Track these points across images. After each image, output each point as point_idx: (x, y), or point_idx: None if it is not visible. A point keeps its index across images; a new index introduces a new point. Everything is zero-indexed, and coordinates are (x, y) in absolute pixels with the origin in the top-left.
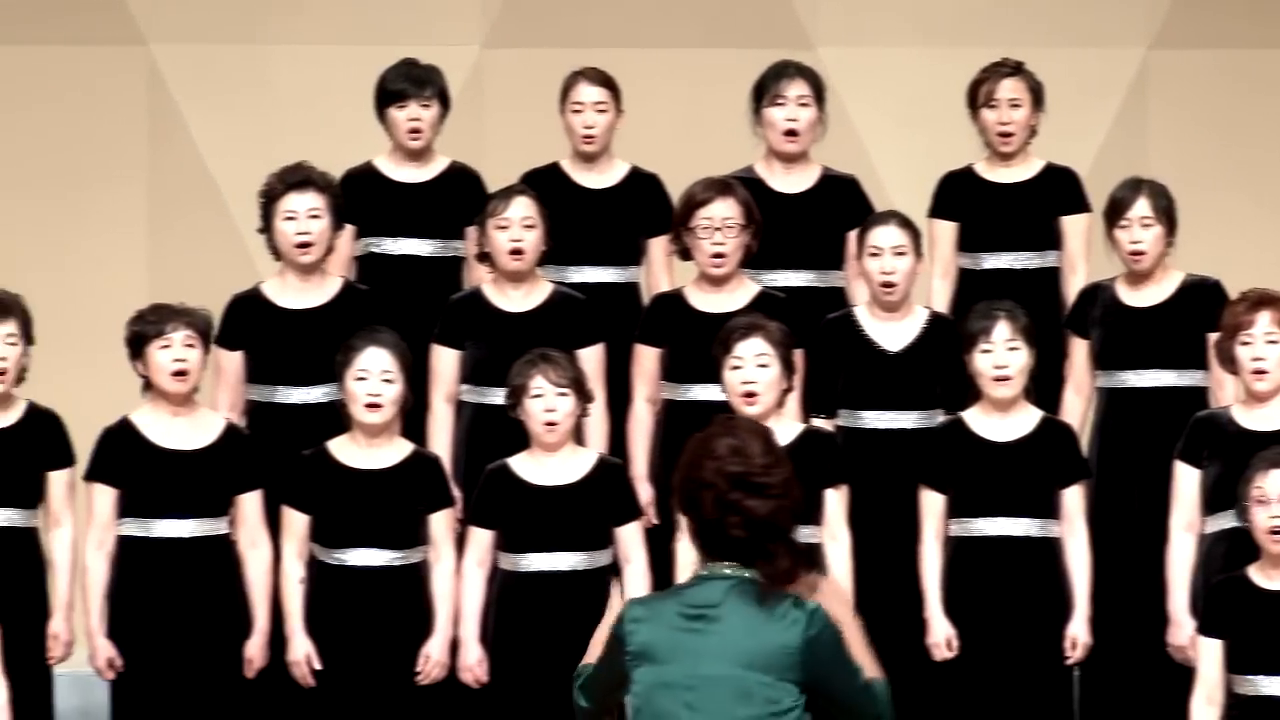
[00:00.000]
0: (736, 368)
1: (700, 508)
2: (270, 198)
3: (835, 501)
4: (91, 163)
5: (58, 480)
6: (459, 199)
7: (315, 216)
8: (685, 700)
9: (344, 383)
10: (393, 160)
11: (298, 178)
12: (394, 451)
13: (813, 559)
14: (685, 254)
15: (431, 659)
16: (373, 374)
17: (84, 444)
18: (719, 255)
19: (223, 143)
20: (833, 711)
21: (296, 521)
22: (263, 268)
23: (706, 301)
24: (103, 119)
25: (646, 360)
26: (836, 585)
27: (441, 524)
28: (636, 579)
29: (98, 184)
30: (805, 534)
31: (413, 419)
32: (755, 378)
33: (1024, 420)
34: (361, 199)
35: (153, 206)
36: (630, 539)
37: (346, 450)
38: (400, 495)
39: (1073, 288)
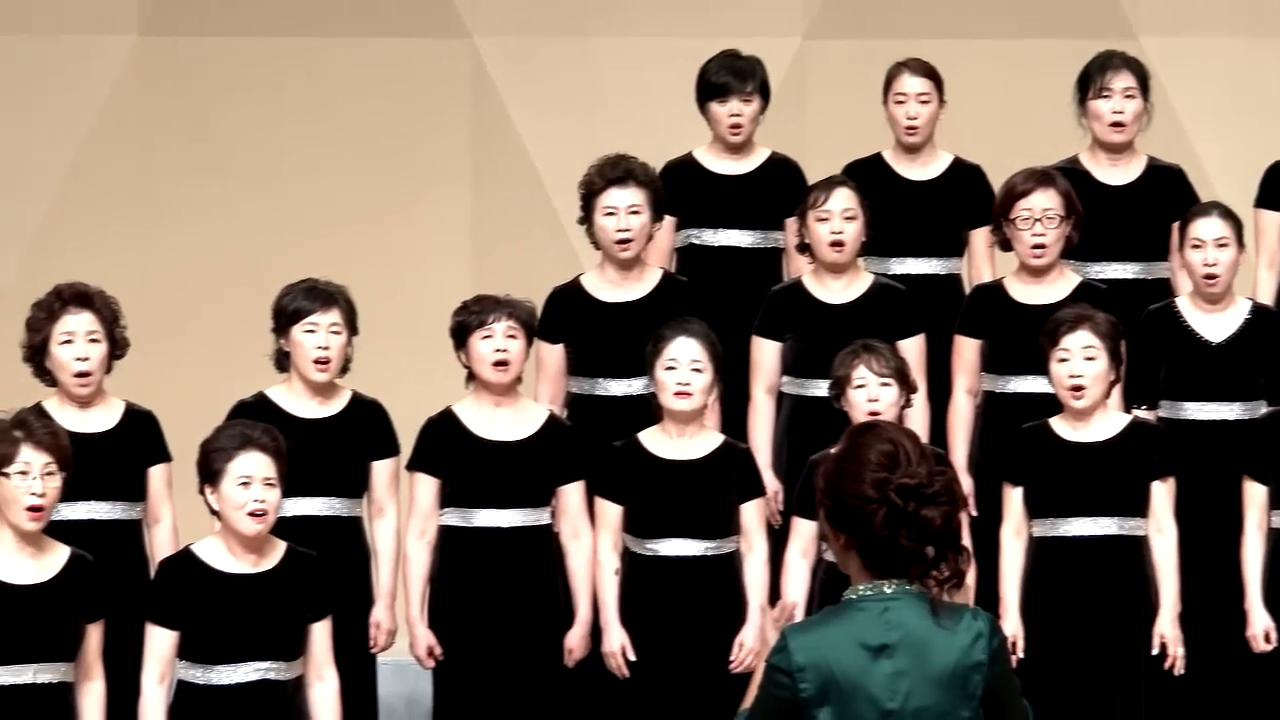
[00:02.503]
0: (1064, 360)
1: (869, 525)
2: (591, 192)
3: (1162, 494)
4: (417, 155)
5: (381, 470)
6: (779, 190)
7: (635, 212)
8: None
9: (654, 372)
10: (713, 152)
11: (618, 172)
12: (705, 442)
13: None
14: (1006, 245)
15: (745, 647)
16: (682, 363)
17: (409, 434)
18: (1039, 246)
19: (546, 135)
20: None
21: (610, 512)
22: (586, 259)
23: (1026, 293)
24: (428, 112)
25: (967, 351)
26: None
27: (753, 513)
28: None
29: (423, 176)
30: (1131, 526)
31: (733, 410)
32: (1082, 370)
33: None
34: (682, 191)
35: (477, 198)
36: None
37: (658, 441)
38: (712, 485)
39: None
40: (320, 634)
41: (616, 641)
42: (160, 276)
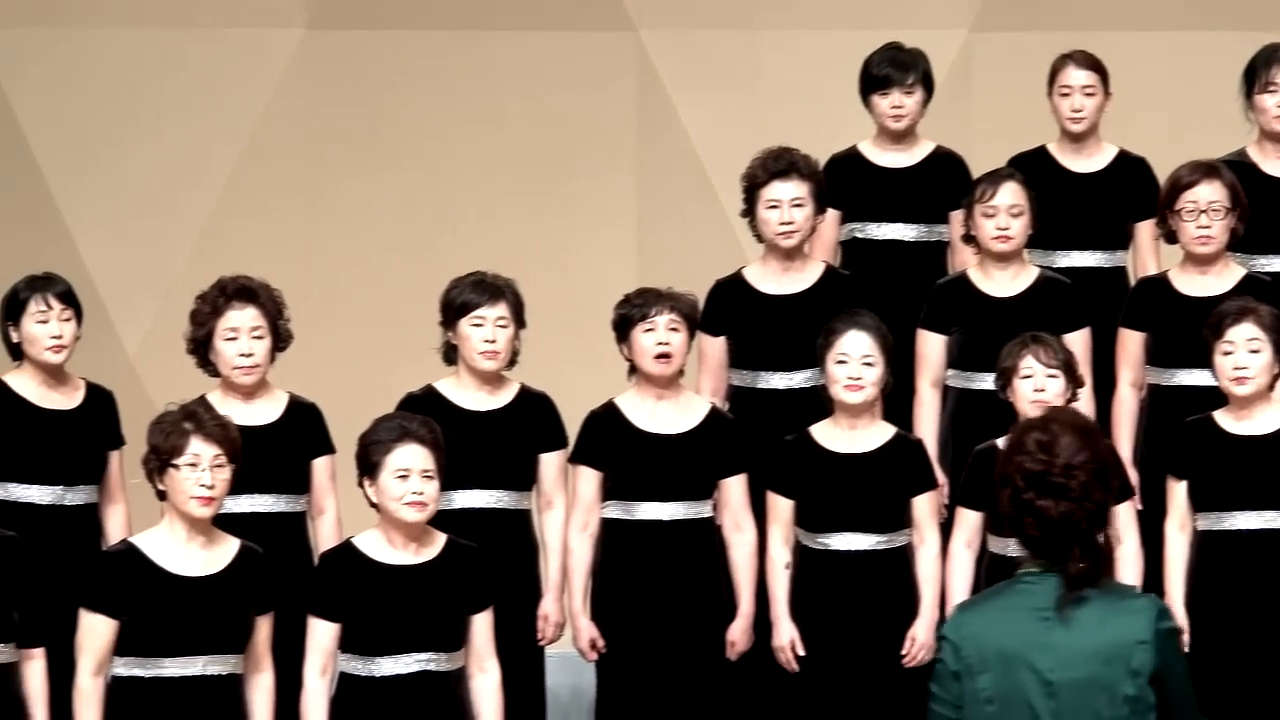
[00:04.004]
0: (1228, 353)
1: (1000, 504)
2: (753, 184)
3: None
4: (582, 148)
5: (550, 463)
6: (943, 183)
7: (798, 204)
8: (1048, 707)
9: (825, 365)
10: (877, 145)
11: (781, 165)
12: (877, 434)
13: (1111, 563)
14: (1171, 237)
15: (918, 642)
16: (853, 357)
17: (573, 427)
18: (1204, 239)
19: (711, 128)
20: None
21: (781, 507)
22: (750, 252)
23: (1191, 285)
24: (593, 105)
25: (1131, 345)
26: None
27: (926, 506)
28: (1129, 560)
29: (588, 169)
30: None
31: (898, 404)
32: (1247, 363)
33: None
34: (846, 184)
35: (642, 191)
36: (1124, 519)
37: (829, 434)
38: (884, 478)
39: None
40: (481, 625)
41: (786, 636)
42: (326, 269)
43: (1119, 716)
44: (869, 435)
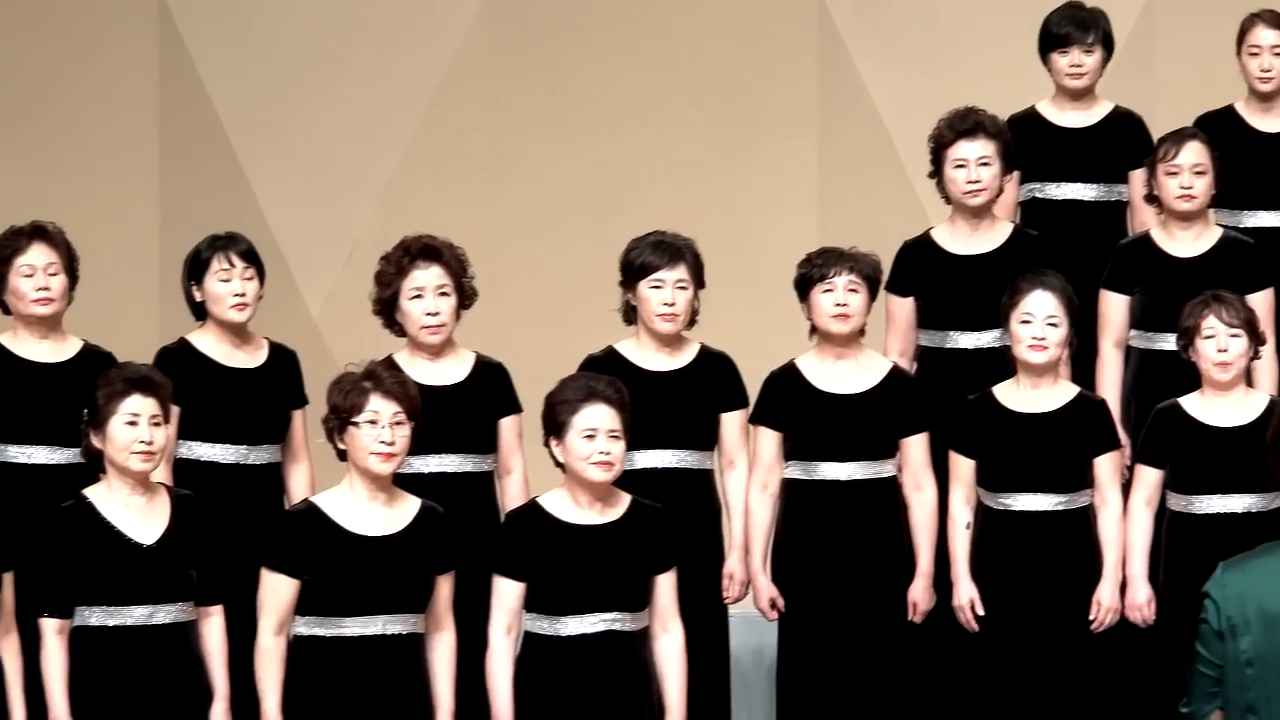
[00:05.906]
0: None
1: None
2: (940, 144)
3: None
4: (763, 107)
5: (731, 423)
6: (1123, 143)
7: (985, 164)
8: None
9: (1009, 324)
10: (1056, 105)
11: (968, 125)
12: (1060, 394)
13: None
14: None
15: (1103, 606)
16: (1037, 317)
17: (754, 387)
18: None
19: (892, 86)
20: None
21: (963, 466)
22: (932, 212)
23: None
24: (774, 64)
25: None
26: None
27: (1108, 467)
28: None
29: (769, 128)
30: None
31: (1082, 364)
32: None
33: None
34: (1025, 144)
35: (823, 151)
36: None
37: (1011, 394)
38: (1066, 438)
39: None
40: (665, 586)
41: (965, 596)
42: (508, 229)
43: None
44: (1052, 395)
